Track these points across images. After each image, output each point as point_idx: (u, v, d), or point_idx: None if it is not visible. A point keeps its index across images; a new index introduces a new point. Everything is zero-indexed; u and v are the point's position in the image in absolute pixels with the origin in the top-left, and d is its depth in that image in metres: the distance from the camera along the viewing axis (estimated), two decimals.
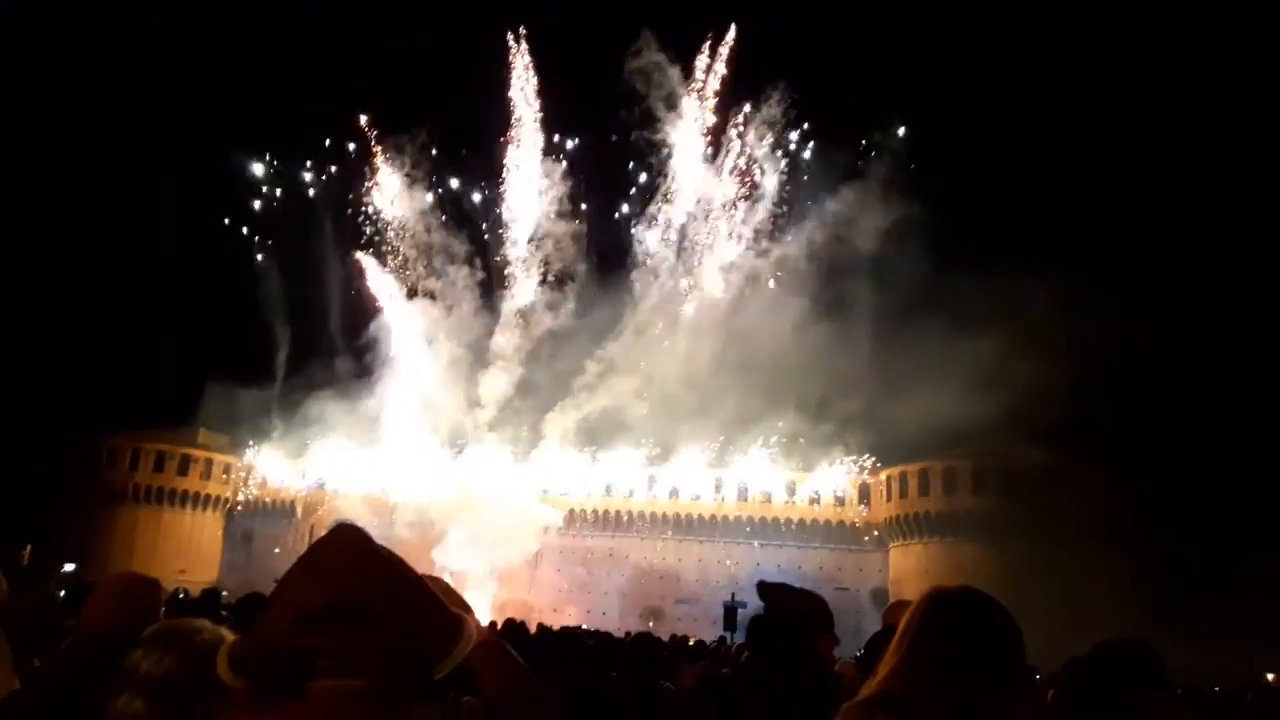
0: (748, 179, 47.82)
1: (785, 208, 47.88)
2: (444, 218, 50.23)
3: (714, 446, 49.03)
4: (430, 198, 50.24)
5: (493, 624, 6.57)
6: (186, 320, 59.06)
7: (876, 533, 46.86)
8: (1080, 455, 39.93)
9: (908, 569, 44.27)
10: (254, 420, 51.53)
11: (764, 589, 3.30)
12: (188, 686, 1.54)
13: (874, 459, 47.73)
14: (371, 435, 48.89)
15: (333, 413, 49.33)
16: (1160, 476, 36.38)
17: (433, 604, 1.35)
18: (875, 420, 45.09)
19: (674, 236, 48.18)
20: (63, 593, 4.76)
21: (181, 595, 11.04)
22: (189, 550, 48.93)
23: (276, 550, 48.96)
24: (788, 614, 3.05)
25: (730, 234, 47.75)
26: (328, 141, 51.67)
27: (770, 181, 47.84)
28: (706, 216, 48.10)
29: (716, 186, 47.94)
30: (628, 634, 9.10)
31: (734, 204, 47.78)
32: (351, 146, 50.94)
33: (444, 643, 1.32)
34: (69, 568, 26.91)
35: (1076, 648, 3.15)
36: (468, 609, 1.53)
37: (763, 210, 47.71)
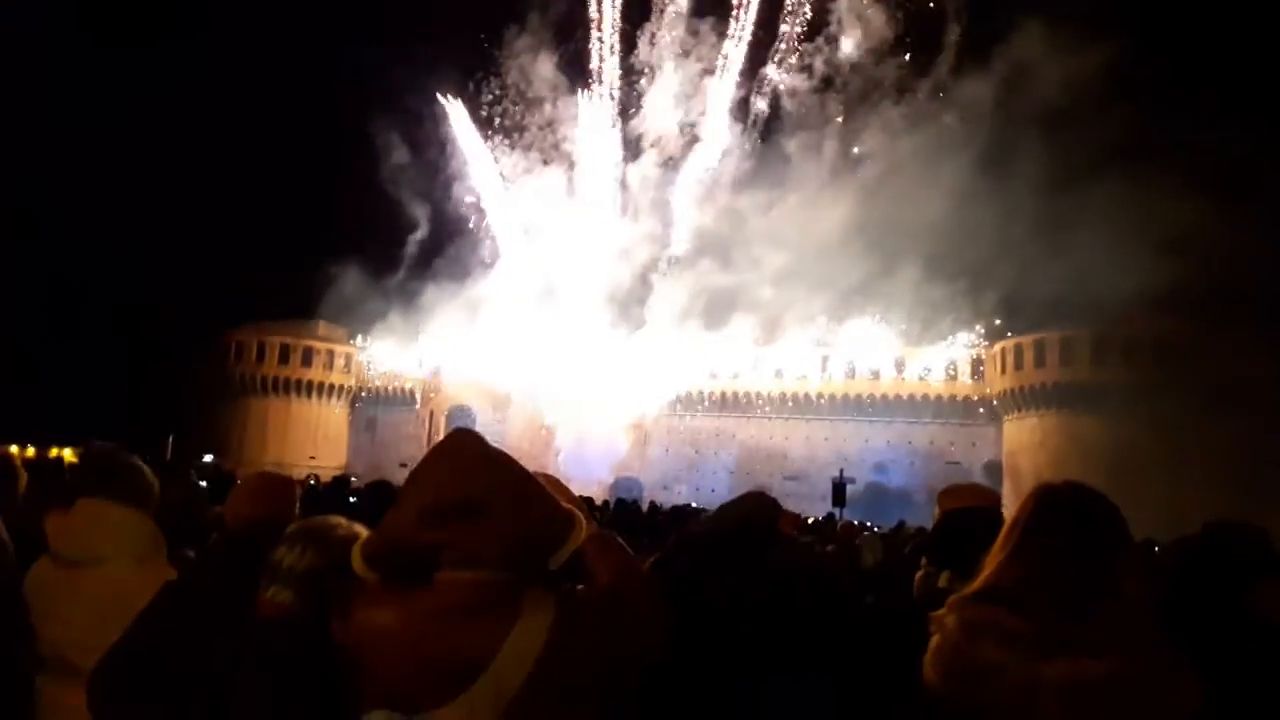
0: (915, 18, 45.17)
1: (959, 50, 44.82)
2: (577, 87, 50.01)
3: (821, 322, 48.45)
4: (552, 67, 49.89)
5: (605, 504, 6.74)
6: (304, 209, 61.29)
7: (993, 405, 45.89)
8: (1207, 323, 37.74)
9: (1022, 442, 43.40)
10: (372, 308, 53.55)
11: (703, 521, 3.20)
12: (328, 578, 1.64)
13: (985, 332, 46.34)
14: (485, 319, 50.13)
15: (448, 298, 50.81)
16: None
17: (545, 500, 1.45)
18: (995, 289, 43.39)
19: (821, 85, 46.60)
20: (204, 484, 4.98)
21: (313, 481, 11.65)
22: (317, 438, 51.81)
23: (398, 437, 51.54)
24: (747, 518, 2.90)
25: (890, 83, 45.65)
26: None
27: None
28: (860, 65, 45.95)
29: (879, 25, 45.43)
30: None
31: (901, 46, 45.28)
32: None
33: (557, 535, 1.43)
34: (208, 459, 28.88)
35: (1196, 518, 3.04)
36: (578, 503, 1.59)
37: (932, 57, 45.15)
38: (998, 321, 45.68)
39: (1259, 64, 41.03)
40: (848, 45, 45.68)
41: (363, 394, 55.23)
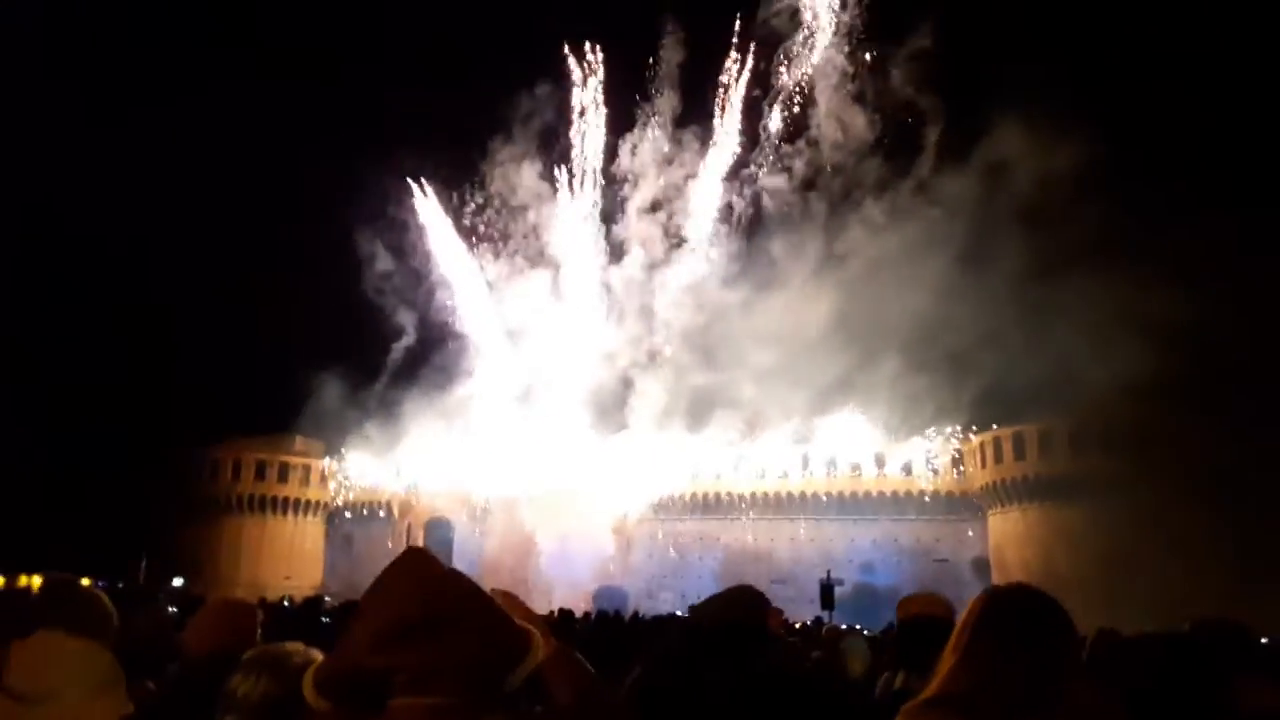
0: (894, 119, 46.60)
1: (938, 149, 46.11)
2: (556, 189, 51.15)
3: (800, 419, 48.63)
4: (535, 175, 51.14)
5: (586, 615, 6.64)
6: (282, 320, 61.37)
7: (975, 499, 45.77)
8: (1186, 411, 38.15)
9: (1008, 535, 43.16)
10: (350, 420, 53.14)
11: (692, 611, 3.29)
12: (283, 708, 1.61)
13: (964, 426, 46.60)
14: (464, 428, 49.91)
15: (427, 408, 50.58)
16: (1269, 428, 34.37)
17: (500, 619, 1.42)
18: (974, 381, 43.86)
19: (802, 186, 47.84)
20: (173, 609, 4.87)
21: (287, 603, 11.34)
22: (292, 556, 50.67)
23: (375, 551, 50.50)
24: (715, 617, 2.89)
25: (871, 182, 46.76)
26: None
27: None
28: (841, 165, 47.25)
29: (860, 128, 46.69)
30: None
31: (880, 146, 46.67)
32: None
33: (513, 655, 1.40)
34: (177, 582, 28.14)
35: (1184, 606, 3.04)
36: (534, 620, 1.57)
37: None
38: (973, 422, 46.11)
39: (1232, 155, 42.75)
40: (828, 148, 47.25)
41: (340, 509, 54.34)
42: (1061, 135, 40.00)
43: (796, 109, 47.73)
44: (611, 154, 50.71)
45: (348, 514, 54.12)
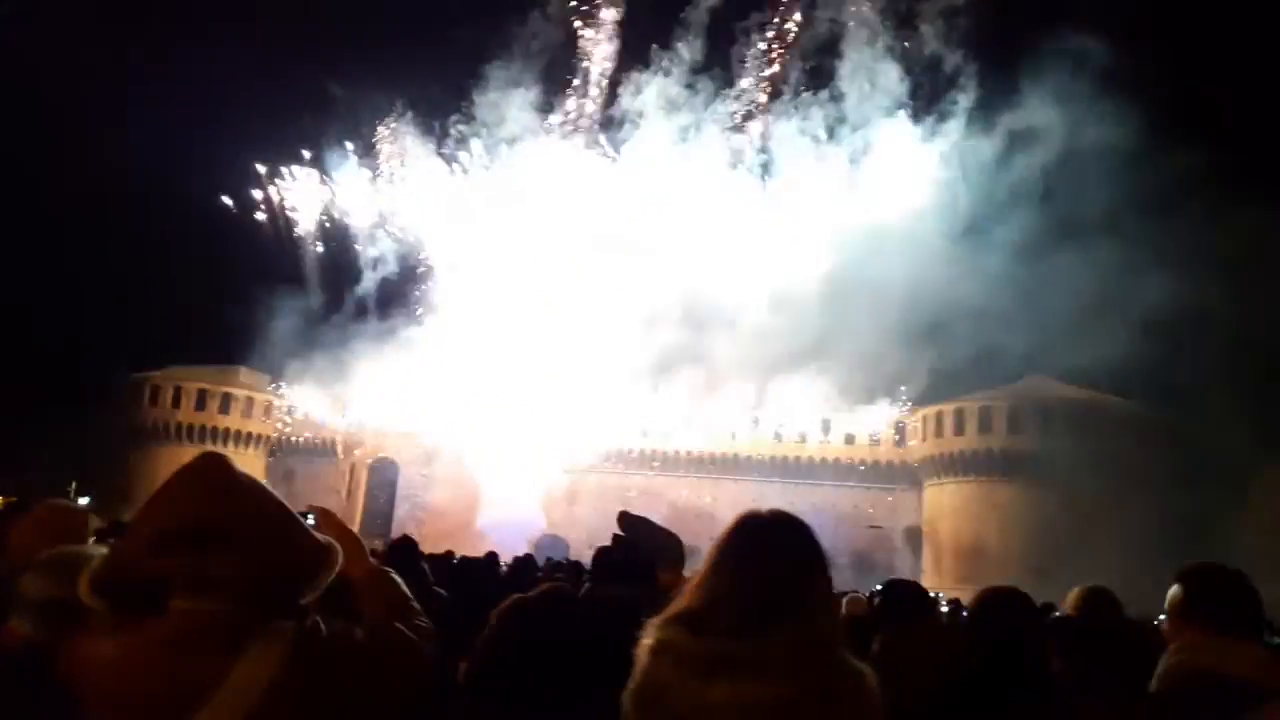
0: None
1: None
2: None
3: (754, 384, 48.92)
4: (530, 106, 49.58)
5: (379, 550, 6.66)
6: (226, 254, 59.72)
7: (912, 472, 46.77)
8: (1124, 399, 39.26)
9: (942, 507, 44.29)
10: (298, 357, 52.19)
11: (623, 518, 3.34)
12: (66, 608, 1.57)
13: (910, 398, 47.39)
14: (414, 371, 49.21)
15: (379, 346, 49.84)
16: (1202, 427, 35.49)
17: (296, 531, 1.40)
18: (928, 353, 44.36)
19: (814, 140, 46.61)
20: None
21: None
22: None
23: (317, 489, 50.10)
24: (635, 543, 3.05)
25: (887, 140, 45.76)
26: None
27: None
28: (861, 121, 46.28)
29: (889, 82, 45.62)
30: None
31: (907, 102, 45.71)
32: None
33: (308, 568, 1.39)
34: (83, 502, 27.50)
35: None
36: (349, 539, 1.56)
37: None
38: (928, 394, 46.59)
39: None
40: (852, 101, 46.30)
41: (282, 444, 53.74)
42: (1087, 112, 39.83)
43: (820, 61, 46.73)
44: (613, 92, 49.02)
45: (291, 450, 53.57)
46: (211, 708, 1.23)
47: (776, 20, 46.71)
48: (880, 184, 45.66)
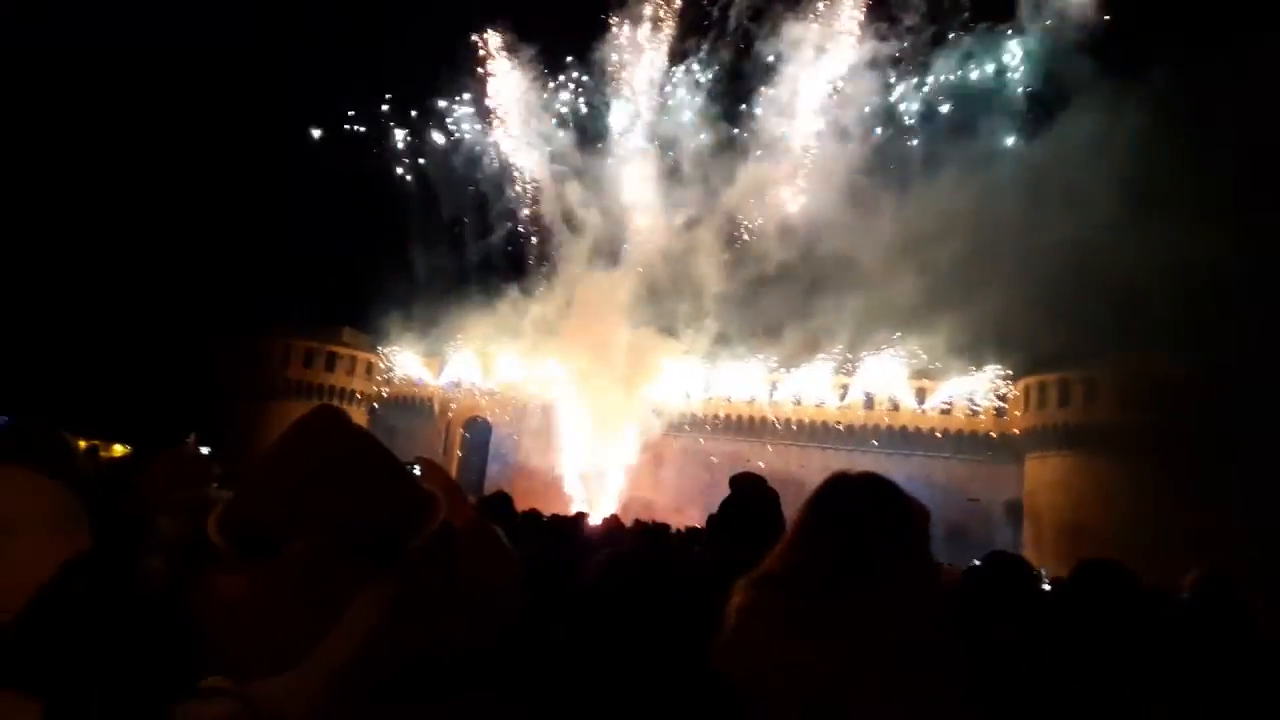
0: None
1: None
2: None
3: (843, 349, 48.15)
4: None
5: (478, 498, 6.81)
6: (331, 217, 61.55)
7: (1012, 444, 45.44)
8: (1227, 374, 37.16)
9: (1043, 481, 42.96)
10: (399, 315, 53.71)
11: (736, 480, 3.28)
12: (199, 548, 1.63)
13: (1013, 368, 45.85)
14: (515, 329, 49.92)
15: (478, 308, 50.82)
16: None
17: (404, 480, 1.47)
18: (1028, 322, 42.74)
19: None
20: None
21: None
22: None
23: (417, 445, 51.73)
24: (752, 502, 3.01)
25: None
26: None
27: None
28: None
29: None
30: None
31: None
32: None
33: (413, 516, 1.44)
34: (204, 450, 28.89)
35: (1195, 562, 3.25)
36: (455, 493, 1.62)
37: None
38: (1027, 363, 44.87)
39: None
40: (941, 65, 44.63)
41: (384, 401, 55.63)
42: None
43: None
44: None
45: (391, 408, 55.42)
46: (326, 646, 1.29)
47: None
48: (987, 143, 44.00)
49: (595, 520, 10.98)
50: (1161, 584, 6.97)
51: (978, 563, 5.93)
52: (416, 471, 1.64)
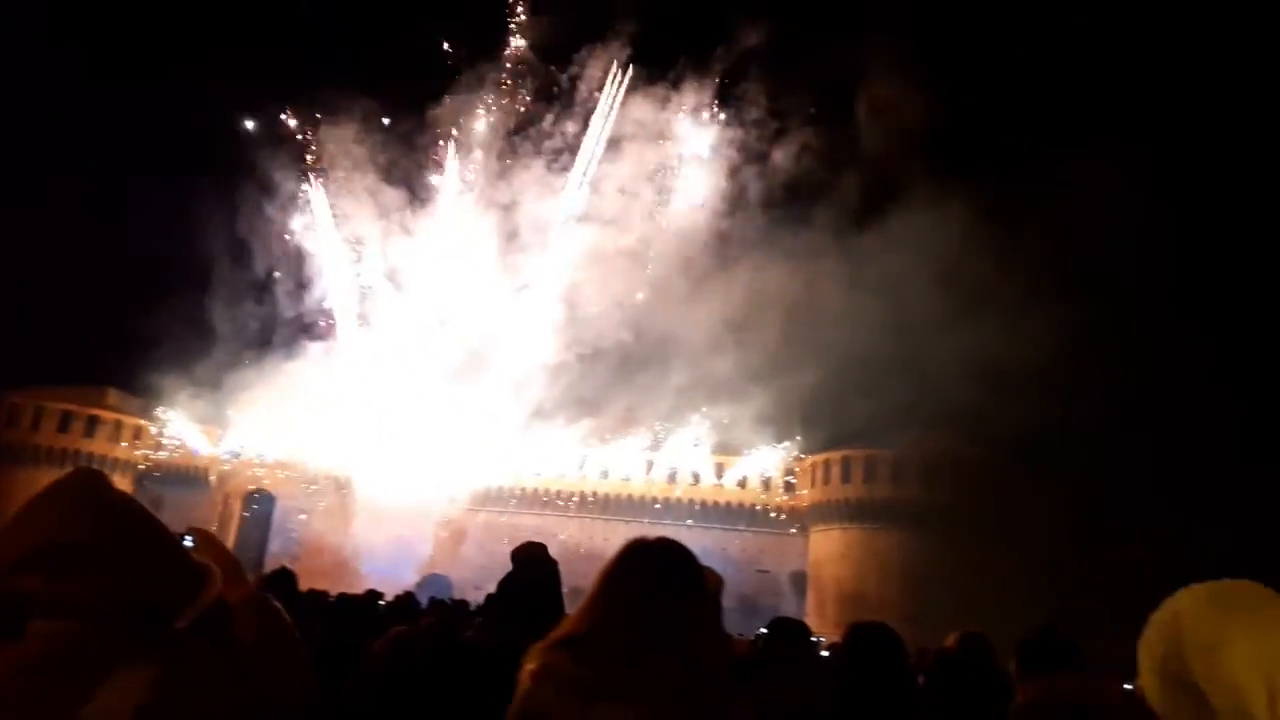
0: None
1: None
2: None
3: (655, 425, 49.25)
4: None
5: (258, 576, 6.53)
6: (101, 273, 56.73)
7: (800, 517, 47.68)
8: (1003, 455, 41.15)
9: (826, 553, 45.22)
10: (173, 382, 49.64)
11: (516, 552, 3.32)
12: None
13: (800, 446, 48.42)
14: (296, 402, 47.39)
15: (261, 376, 47.90)
16: (1079, 488, 37.79)
17: (171, 553, 1.35)
18: (805, 405, 45.52)
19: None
20: None
21: None
22: None
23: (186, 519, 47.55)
24: (531, 571, 3.08)
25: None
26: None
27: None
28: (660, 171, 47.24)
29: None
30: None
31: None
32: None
33: (182, 591, 1.34)
34: None
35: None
36: (230, 564, 1.51)
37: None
38: (819, 442, 47.63)
39: None
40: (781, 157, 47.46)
41: (153, 471, 51.00)
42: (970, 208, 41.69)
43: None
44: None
45: (161, 478, 50.86)
46: None
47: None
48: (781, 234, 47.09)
49: (389, 598, 10.48)
50: (930, 647, 7.48)
51: (764, 630, 6.15)
52: (188, 543, 1.51)
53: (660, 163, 47.81)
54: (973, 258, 40.51)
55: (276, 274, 49.36)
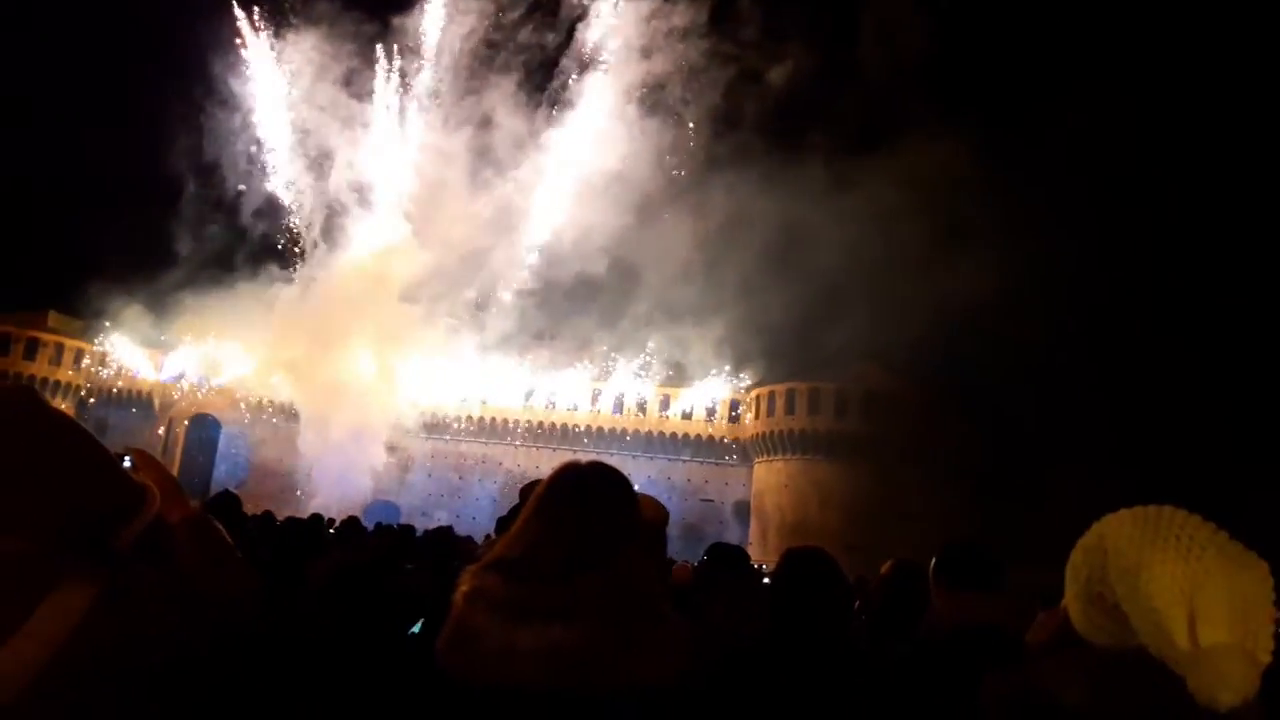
0: None
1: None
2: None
3: (590, 360, 49.20)
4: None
5: (202, 501, 6.54)
6: (46, 185, 54.33)
7: (743, 448, 48.48)
8: (938, 390, 42.06)
9: (769, 484, 46.18)
10: (115, 305, 48.16)
11: (526, 491, 3.45)
12: None
13: (746, 377, 48.90)
14: (243, 324, 46.24)
15: (207, 296, 46.68)
16: (1003, 423, 38.88)
17: (109, 470, 1.32)
18: (764, 335, 45.69)
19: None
20: None
21: None
22: None
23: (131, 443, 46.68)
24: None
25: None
26: None
27: None
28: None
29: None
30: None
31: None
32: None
33: (120, 509, 1.30)
34: None
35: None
36: (170, 485, 1.47)
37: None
38: (764, 372, 47.88)
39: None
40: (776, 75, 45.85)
41: (94, 395, 49.88)
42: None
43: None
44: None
45: (104, 403, 49.79)
46: (10, 646, 1.15)
47: None
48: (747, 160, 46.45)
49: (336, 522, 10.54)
50: (868, 573, 7.80)
51: (705, 557, 6.34)
52: (127, 464, 1.47)
53: (645, 79, 45.72)
54: (958, 194, 40.82)
55: (241, 187, 47.29)
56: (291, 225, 47.71)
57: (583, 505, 1.69)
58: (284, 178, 47.21)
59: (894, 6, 43.60)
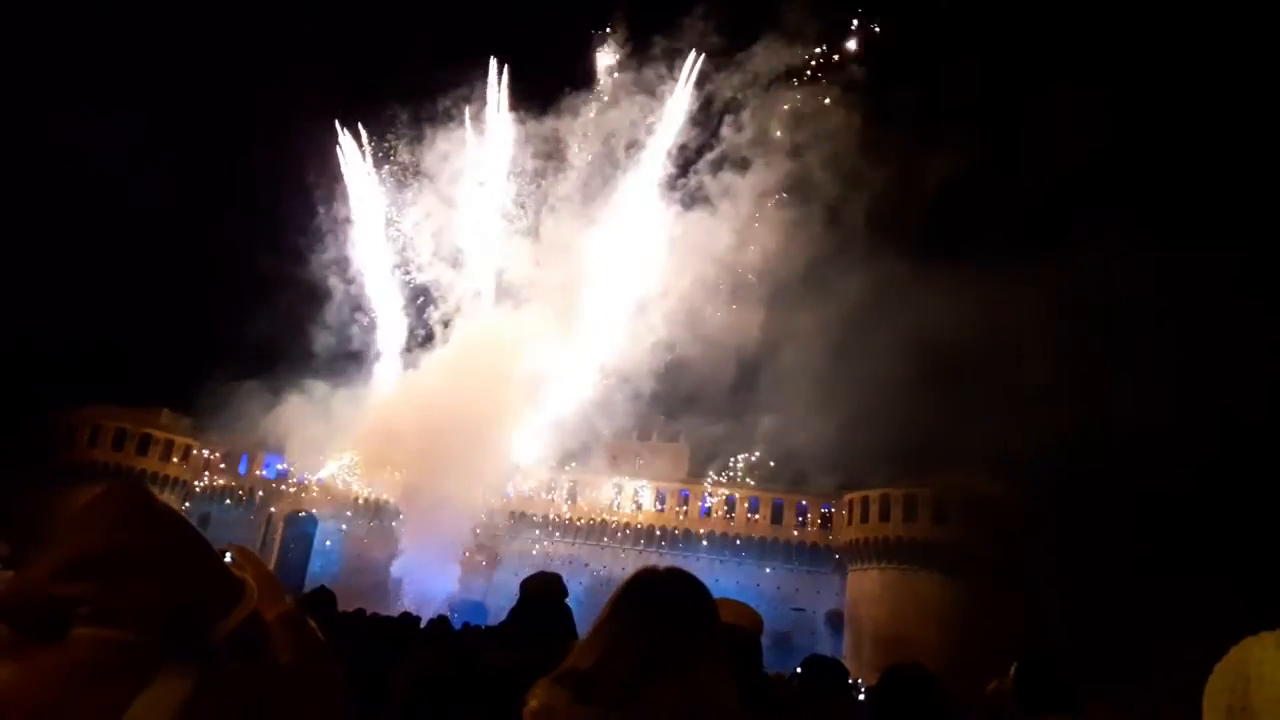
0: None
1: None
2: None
3: (683, 465, 49.15)
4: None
5: (298, 596, 6.49)
6: (162, 297, 58.09)
7: (837, 556, 47.00)
8: (1041, 496, 40.27)
9: (864, 592, 44.48)
10: (224, 402, 50.61)
11: (526, 582, 3.36)
12: None
13: (839, 483, 47.78)
14: (349, 421, 48.02)
15: (310, 398, 48.63)
16: (1114, 532, 36.76)
17: (210, 565, 1.35)
18: (856, 441, 44.69)
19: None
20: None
21: None
22: None
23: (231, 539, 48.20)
24: (542, 602, 3.15)
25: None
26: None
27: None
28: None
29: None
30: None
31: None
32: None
33: (218, 603, 1.33)
34: None
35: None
36: (268, 581, 1.51)
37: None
38: (854, 478, 46.74)
39: None
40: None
41: (200, 490, 51.89)
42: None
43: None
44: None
45: (208, 497, 51.71)
46: None
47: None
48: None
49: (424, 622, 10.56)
50: (972, 690, 7.35)
51: (799, 669, 6.10)
52: (228, 558, 1.53)
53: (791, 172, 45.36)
54: (1122, 312, 39.55)
55: (362, 301, 49.93)
56: (384, 332, 50.01)
57: (655, 613, 1.64)
58: (386, 277, 49.98)
59: (1062, 105, 43.23)
